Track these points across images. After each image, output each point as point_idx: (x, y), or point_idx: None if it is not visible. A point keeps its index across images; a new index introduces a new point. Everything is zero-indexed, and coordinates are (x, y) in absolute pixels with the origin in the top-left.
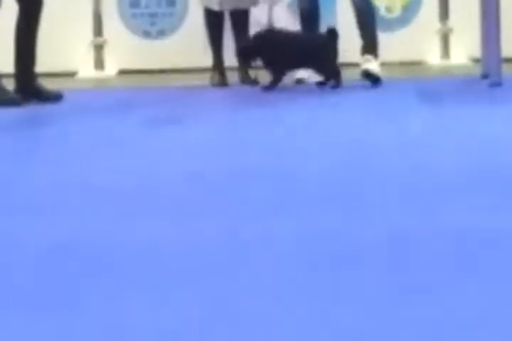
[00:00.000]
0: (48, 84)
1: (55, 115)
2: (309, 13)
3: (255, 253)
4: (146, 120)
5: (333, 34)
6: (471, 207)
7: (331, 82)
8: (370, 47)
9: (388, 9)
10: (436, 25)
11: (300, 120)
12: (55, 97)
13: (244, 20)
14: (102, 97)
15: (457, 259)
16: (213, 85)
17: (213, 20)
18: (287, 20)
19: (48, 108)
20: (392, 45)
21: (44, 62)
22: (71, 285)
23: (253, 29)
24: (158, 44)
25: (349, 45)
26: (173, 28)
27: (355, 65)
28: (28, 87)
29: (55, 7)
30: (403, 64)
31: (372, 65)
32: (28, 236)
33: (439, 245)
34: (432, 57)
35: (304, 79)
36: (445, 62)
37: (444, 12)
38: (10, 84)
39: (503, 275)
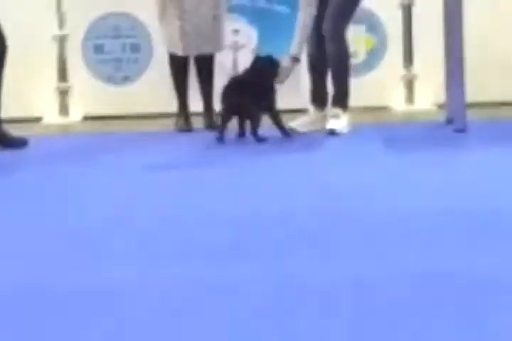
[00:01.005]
0: (13, 130)
1: (20, 161)
2: (317, 59)
3: (219, 297)
4: (112, 166)
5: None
6: (432, 250)
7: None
8: (339, 98)
9: (353, 54)
10: (401, 70)
11: (264, 165)
12: (20, 143)
13: (209, 66)
14: (67, 143)
15: (419, 304)
16: (178, 130)
17: (178, 66)
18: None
19: (12, 154)
20: (357, 90)
21: (8, 107)
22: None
23: (218, 74)
24: (123, 89)
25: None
26: (138, 74)
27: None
28: None
29: (20, 52)
30: (368, 109)
31: (339, 124)
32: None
33: (401, 289)
34: (397, 102)
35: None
36: (410, 108)
37: (409, 58)
38: None
39: (466, 318)
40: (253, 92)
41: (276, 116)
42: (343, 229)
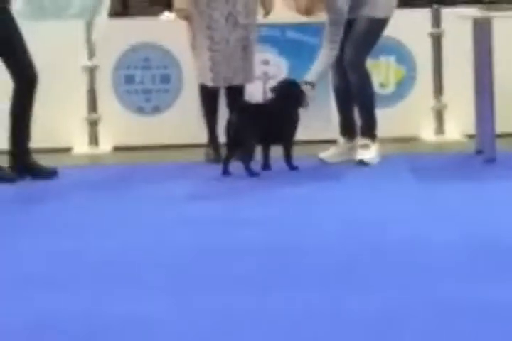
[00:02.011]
0: (43, 161)
1: (50, 191)
2: (343, 91)
3: (249, 326)
4: (142, 197)
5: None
6: (464, 280)
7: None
8: (367, 128)
9: (382, 85)
10: (431, 101)
11: (296, 196)
12: (50, 174)
13: (240, 96)
14: (97, 174)
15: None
16: (208, 161)
17: (208, 96)
18: None
19: (42, 184)
20: (387, 121)
21: (39, 138)
22: None
23: None
24: (152, 120)
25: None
26: (168, 104)
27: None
28: (23, 163)
29: (50, 83)
30: (397, 140)
31: (368, 154)
32: (21, 308)
33: (432, 318)
34: (427, 133)
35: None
36: (439, 138)
37: (438, 88)
38: (4, 161)
39: None
40: (257, 123)
41: (287, 148)
42: (372, 260)
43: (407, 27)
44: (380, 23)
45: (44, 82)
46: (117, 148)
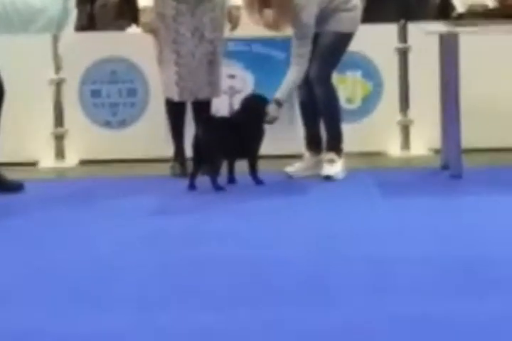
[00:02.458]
0: (9, 174)
1: (15, 205)
2: (309, 106)
3: None
4: (108, 211)
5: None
6: (429, 295)
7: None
8: (333, 142)
9: (349, 100)
10: (397, 116)
11: (262, 210)
12: (16, 187)
13: (206, 111)
14: (63, 188)
15: None
16: (174, 175)
17: (174, 111)
18: None
19: (7, 198)
20: (353, 136)
21: (5, 151)
22: None
23: None
24: (119, 134)
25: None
26: (135, 118)
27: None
28: None
29: (16, 96)
30: (363, 154)
31: (334, 169)
32: None
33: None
34: (393, 148)
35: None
36: (405, 153)
37: (404, 103)
38: None
39: None
40: (223, 137)
41: (252, 162)
42: (337, 275)
43: (374, 42)
44: (345, 38)
45: (11, 95)
46: (84, 162)
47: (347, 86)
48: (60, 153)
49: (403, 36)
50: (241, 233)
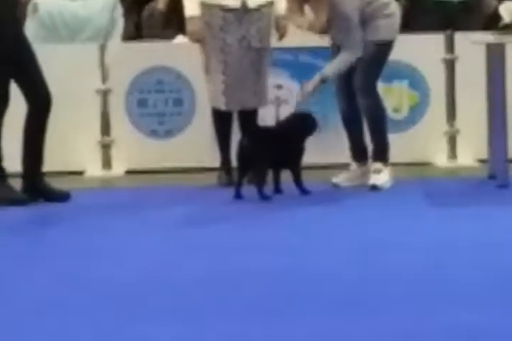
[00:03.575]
0: (56, 184)
1: (62, 215)
2: (350, 116)
3: None
4: (154, 220)
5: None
6: (481, 308)
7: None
8: (379, 152)
9: (396, 110)
10: (444, 126)
11: (308, 220)
12: (63, 197)
13: (252, 120)
14: (110, 197)
15: None
16: (221, 185)
17: (221, 120)
18: None
19: (54, 207)
20: (400, 146)
21: (52, 161)
22: None
23: None
24: (165, 143)
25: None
26: (181, 128)
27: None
28: (36, 186)
29: (63, 106)
30: (410, 165)
31: (381, 179)
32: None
33: None
34: (439, 158)
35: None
36: (452, 163)
37: (451, 113)
38: (17, 184)
39: None
40: (272, 146)
41: (297, 172)
42: (385, 284)
43: (421, 52)
44: (386, 46)
45: (58, 105)
46: (130, 172)
47: (393, 96)
48: (106, 163)
49: (450, 46)
50: (287, 242)
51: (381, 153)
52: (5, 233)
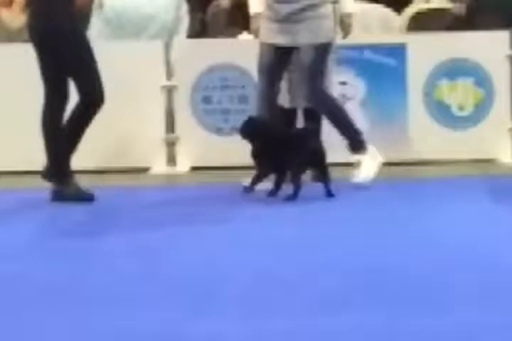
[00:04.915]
0: (120, 181)
1: (125, 211)
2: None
3: None
4: (221, 217)
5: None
6: None
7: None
8: (353, 144)
9: (460, 107)
10: (508, 123)
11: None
12: (87, 198)
13: (317, 118)
14: (174, 194)
15: None
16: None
17: (286, 118)
18: (358, 118)
19: (118, 203)
20: (464, 143)
21: (117, 158)
22: None
23: (324, 126)
24: (231, 140)
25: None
26: None
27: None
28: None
29: (128, 102)
30: (475, 161)
31: (361, 175)
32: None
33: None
34: (504, 155)
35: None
36: None
37: None
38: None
39: None
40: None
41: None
42: (452, 281)
43: (485, 49)
44: (326, 48)
45: (123, 101)
46: (195, 168)
47: (458, 93)
48: (171, 159)
49: None
50: (348, 240)
51: (355, 144)
52: (67, 231)
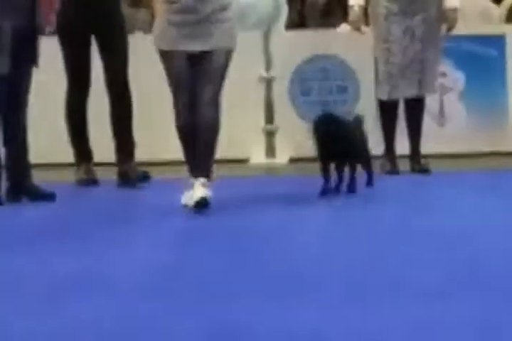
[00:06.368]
0: (220, 171)
1: (227, 202)
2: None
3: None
4: (315, 209)
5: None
6: None
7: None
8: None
9: None
10: None
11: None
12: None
13: (418, 109)
14: (273, 185)
15: None
16: (385, 173)
17: (387, 109)
18: (457, 109)
19: (221, 194)
20: None
21: (217, 149)
22: None
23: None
24: None
25: None
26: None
27: None
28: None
29: (228, 94)
30: None
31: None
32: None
33: None
34: None
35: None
36: None
37: None
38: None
39: None
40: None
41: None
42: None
43: None
44: (230, 55)
45: (227, 93)
46: (294, 160)
47: None
48: (270, 150)
49: None
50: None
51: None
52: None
